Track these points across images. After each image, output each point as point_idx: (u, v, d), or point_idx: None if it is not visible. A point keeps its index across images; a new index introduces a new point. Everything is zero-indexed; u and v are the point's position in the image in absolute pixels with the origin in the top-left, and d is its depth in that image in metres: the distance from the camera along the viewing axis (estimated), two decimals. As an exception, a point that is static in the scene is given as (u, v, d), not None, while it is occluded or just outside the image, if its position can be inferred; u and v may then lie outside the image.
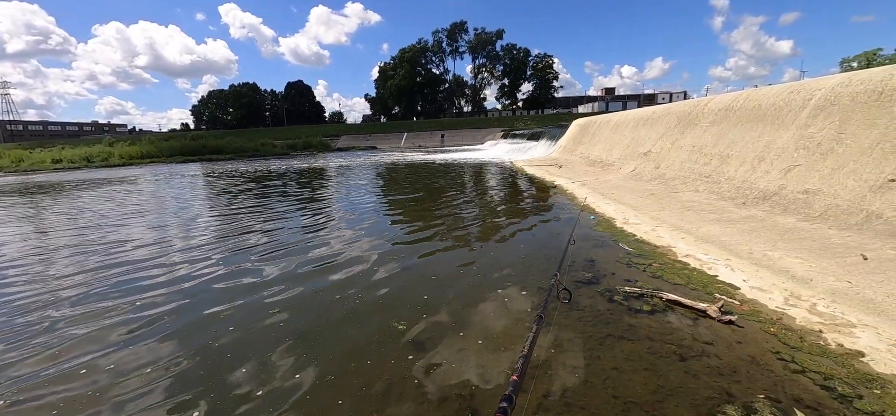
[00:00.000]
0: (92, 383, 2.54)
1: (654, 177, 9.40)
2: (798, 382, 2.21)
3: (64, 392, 2.46)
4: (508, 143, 34.60)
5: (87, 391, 2.45)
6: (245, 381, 2.49)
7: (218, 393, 2.38)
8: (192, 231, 6.99)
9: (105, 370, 2.69)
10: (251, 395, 2.35)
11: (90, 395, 2.42)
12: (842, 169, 5.13)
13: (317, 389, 2.38)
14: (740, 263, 3.95)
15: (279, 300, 3.73)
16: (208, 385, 2.46)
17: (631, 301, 3.32)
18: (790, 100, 6.75)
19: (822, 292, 3.18)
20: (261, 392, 2.37)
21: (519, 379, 1.26)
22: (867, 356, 2.36)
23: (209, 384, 2.47)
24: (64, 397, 2.42)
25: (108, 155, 37.79)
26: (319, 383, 2.44)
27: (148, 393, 2.41)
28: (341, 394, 2.33)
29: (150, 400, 2.35)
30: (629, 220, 6.03)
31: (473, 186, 12.04)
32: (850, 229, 4.38)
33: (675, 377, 2.32)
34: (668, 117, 11.08)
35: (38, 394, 2.46)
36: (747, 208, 5.91)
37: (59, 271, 4.97)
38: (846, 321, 2.74)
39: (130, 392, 2.43)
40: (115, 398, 2.39)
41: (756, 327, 2.80)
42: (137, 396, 2.39)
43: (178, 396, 2.37)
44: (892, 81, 5.08)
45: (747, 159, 6.95)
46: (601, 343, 2.72)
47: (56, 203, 11.93)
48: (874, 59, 43.73)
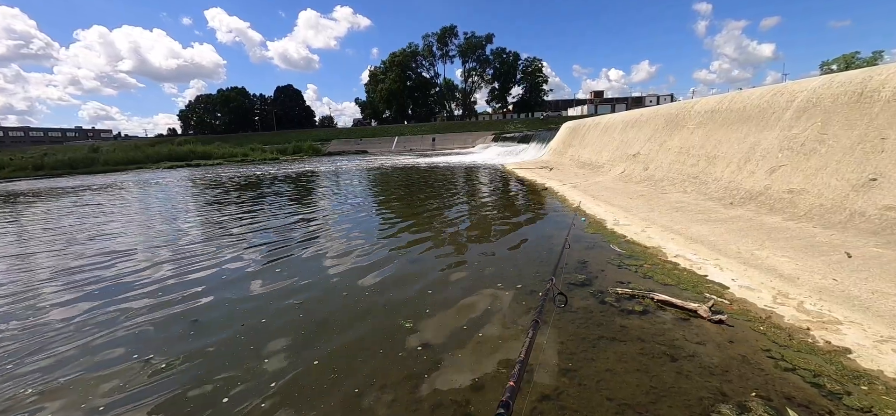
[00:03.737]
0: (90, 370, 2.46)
1: (644, 179, 9.50)
2: (788, 380, 2.24)
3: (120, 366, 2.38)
4: (499, 146, 34.76)
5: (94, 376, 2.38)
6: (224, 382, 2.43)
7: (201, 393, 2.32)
8: (180, 239, 6.85)
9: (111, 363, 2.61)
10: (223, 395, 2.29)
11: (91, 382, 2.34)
12: (825, 169, 5.24)
13: (308, 392, 2.34)
14: (729, 262, 4.00)
15: (273, 306, 3.66)
16: (197, 386, 2.40)
17: (623, 302, 3.34)
18: (774, 102, 6.90)
19: (808, 290, 3.23)
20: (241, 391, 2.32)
21: (516, 385, 1.24)
22: (854, 353, 2.40)
23: (195, 385, 2.41)
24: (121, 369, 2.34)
25: (93, 161, 37.00)
26: (311, 387, 2.39)
27: (139, 396, 2.34)
28: (330, 402, 2.28)
29: (137, 403, 2.28)
30: (620, 221, 6.08)
31: (465, 190, 12.04)
32: (834, 228, 4.48)
33: (667, 378, 2.33)
34: (656, 119, 11.24)
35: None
36: (734, 208, 6.00)
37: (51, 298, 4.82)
38: (833, 319, 2.78)
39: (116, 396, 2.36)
40: (118, 394, 2.31)
41: (745, 326, 2.83)
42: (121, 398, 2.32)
43: (160, 399, 2.30)
44: (871, 83, 5.22)
45: (734, 160, 7.07)
46: (594, 345, 2.72)
47: (57, 217, 11.60)
48: (853, 61, 45.02)
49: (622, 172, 10.87)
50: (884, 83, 5.03)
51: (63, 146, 61.82)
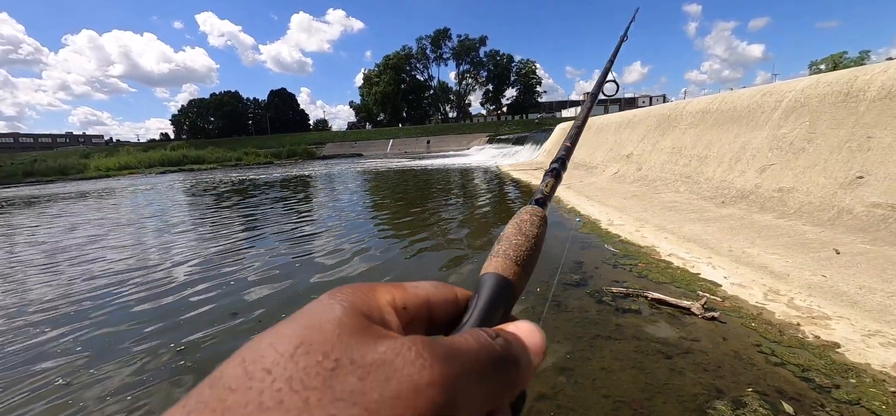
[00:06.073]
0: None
1: (637, 179, 9.60)
2: (779, 374, 2.29)
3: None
4: (494, 147, 34.89)
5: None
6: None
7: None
8: (173, 246, 6.82)
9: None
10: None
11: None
12: (813, 167, 5.34)
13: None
14: (721, 260, 4.07)
15: (265, 312, 3.66)
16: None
17: (618, 301, 3.38)
18: (763, 102, 7.01)
19: (799, 286, 3.30)
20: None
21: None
22: (843, 347, 2.45)
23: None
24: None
25: (84, 167, 36.60)
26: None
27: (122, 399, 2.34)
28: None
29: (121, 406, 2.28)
30: (614, 221, 6.14)
31: (460, 191, 12.08)
32: (823, 225, 4.56)
33: (662, 375, 2.37)
34: (649, 120, 11.36)
35: None
36: (726, 206, 6.09)
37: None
38: (822, 314, 2.84)
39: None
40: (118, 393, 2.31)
41: (738, 323, 2.88)
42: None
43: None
44: (857, 83, 5.33)
45: (725, 160, 7.18)
46: (590, 344, 2.76)
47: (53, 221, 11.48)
48: (840, 62, 45.83)
49: (616, 172, 10.97)
50: (869, 83, 5.14)
51: (54, 152, 61.12)
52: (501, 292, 0.30)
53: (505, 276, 0.31)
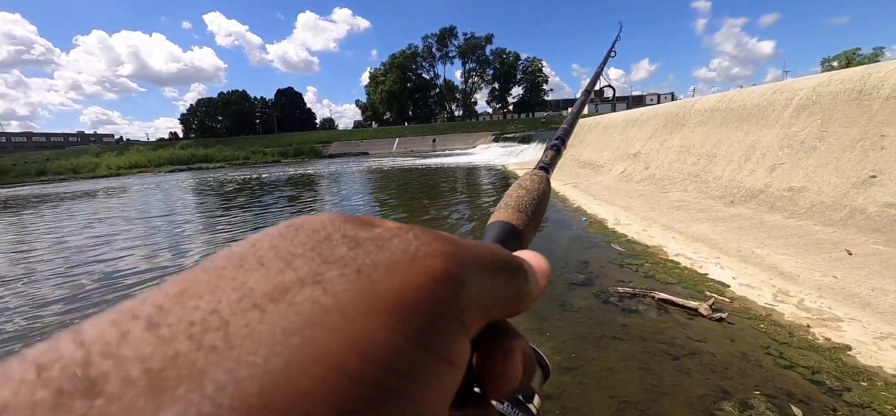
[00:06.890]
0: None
1: (644, 178, 9.52)
2: (788, 376, 2.26)
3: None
4: (500, 146, 34.77)
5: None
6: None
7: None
8: (183, 241, 6.91)
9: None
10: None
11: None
12: (825, 166, 5.25)
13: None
14: (729, 260, 4.02)
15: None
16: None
17: (624, 302, 3.36)
18: (773, 100, 6.91)
19: (809, 287, 3.25)
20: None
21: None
22: (854, 350, 2.42)
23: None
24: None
25: (95, 166, 37.19)
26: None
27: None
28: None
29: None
30: (620, 220, 6.10)
31: (467, 190, 12.08)
32: (834, 225, 4.49)
33: (668, 376, 2.35)
34: (657, 118, 11.25)
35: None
36: (735, 206, 6.02)
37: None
38: (833, 316, 2.80)
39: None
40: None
41: (746, 324, 2.85)
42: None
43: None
44: (870, 80, 5.23)
45: (734, 158, 7.09)
46: (596, 344, 2.74)
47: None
48: (853, 58, 45.01)
49: (623, 171, 10.89)
50: (883, 80, 5.04)
51: (65, 151, 62.17)
52: (507, 237, 0.31)
53: (509, 222, 0.32)
